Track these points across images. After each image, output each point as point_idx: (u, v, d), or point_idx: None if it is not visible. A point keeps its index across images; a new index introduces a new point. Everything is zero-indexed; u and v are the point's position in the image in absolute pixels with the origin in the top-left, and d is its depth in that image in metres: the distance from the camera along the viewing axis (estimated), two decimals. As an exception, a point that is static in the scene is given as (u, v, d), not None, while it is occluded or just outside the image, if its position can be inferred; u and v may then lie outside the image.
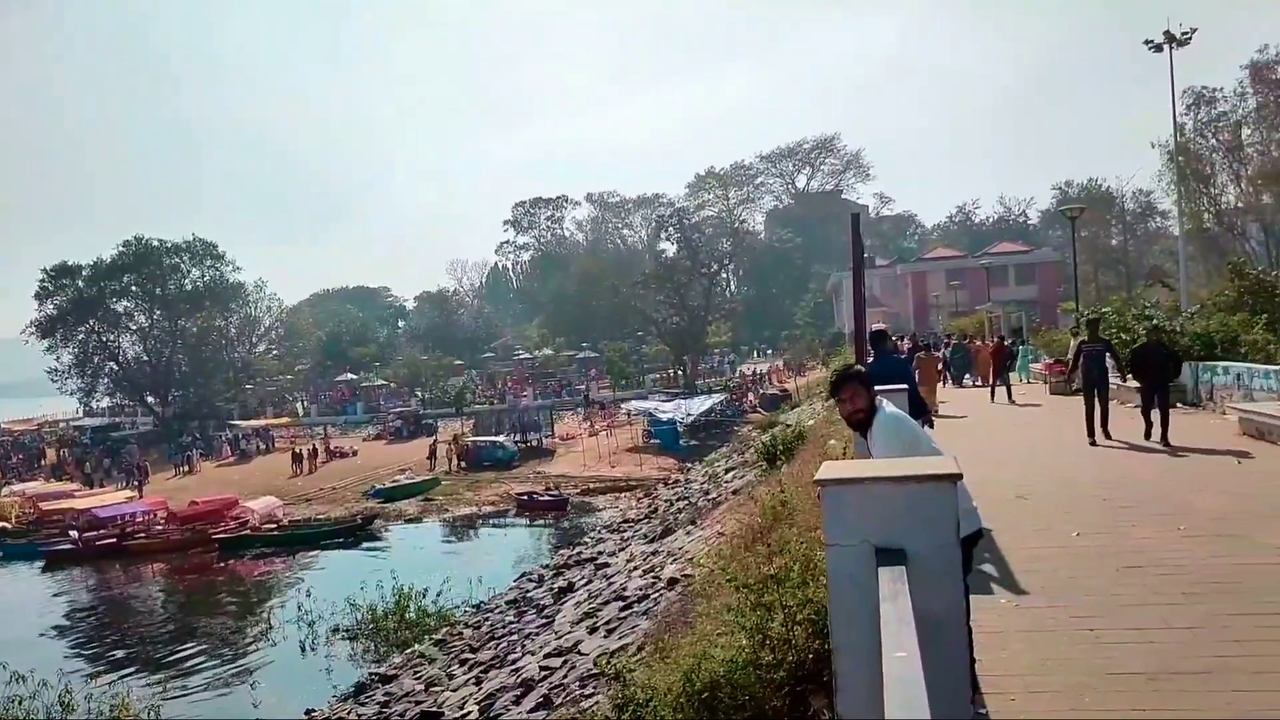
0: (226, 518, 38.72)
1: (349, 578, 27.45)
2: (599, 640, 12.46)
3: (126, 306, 75.34)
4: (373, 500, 42.44)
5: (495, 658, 15.56)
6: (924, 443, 4.95)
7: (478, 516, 38.75)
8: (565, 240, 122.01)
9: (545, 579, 22.57)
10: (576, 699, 9.64)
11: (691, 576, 11.96)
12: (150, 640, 25.25)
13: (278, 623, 24.14)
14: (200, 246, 76.51)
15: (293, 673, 20.23)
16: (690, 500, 25.30)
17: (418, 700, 14.93)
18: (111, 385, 76.67)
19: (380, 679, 17.73)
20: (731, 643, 6.03)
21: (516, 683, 12.37)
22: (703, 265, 73.68)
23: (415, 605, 22.23)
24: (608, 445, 47.56)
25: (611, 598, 15.19)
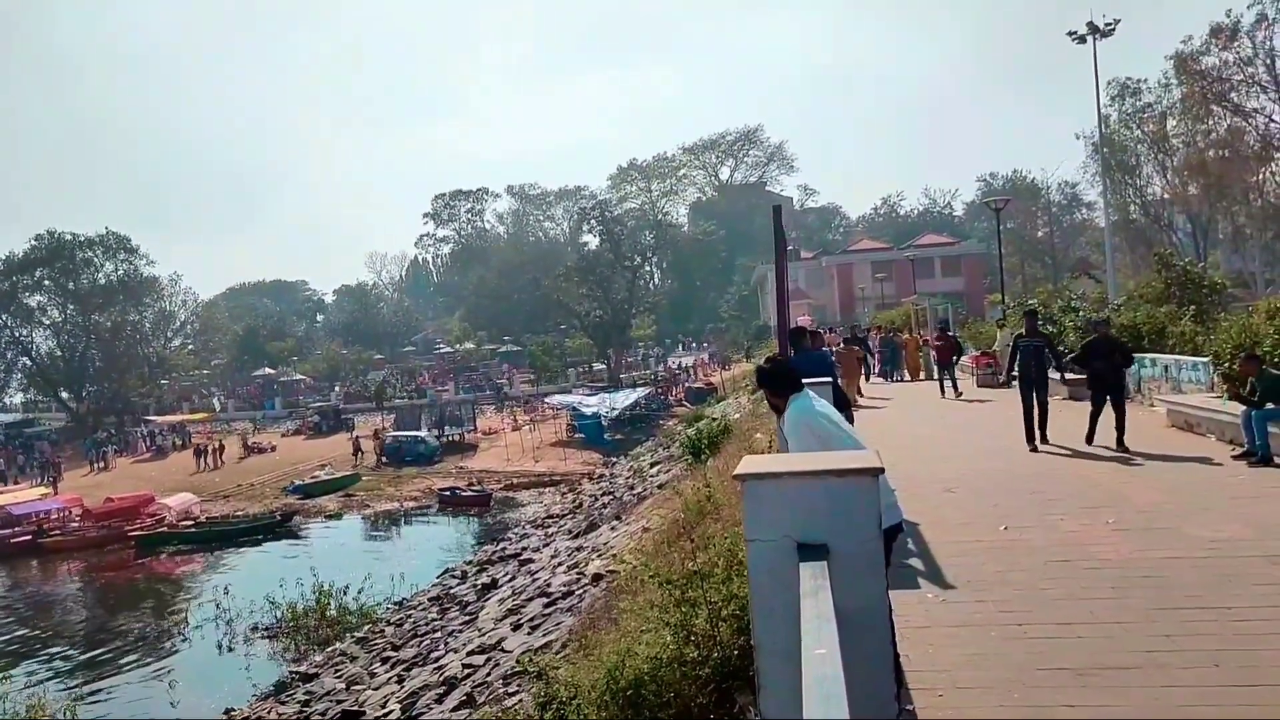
0: (143, 515, 37.91)
1: (268, 575, 26.98)
2: (523, 637, 12.37)
3: (39, 301, 73.98)
4: (292, 496, 41.71)
5: (418, 655, 15.38)
6: (841, 436, 4.95)
7: (400, 512, 38.30)
8: (486, 233, 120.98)
9: (468, 575, 22.37)
10: (500, 697, 9.56)
11: (616, 572, 11.96)
12: (67, 640, 24.64)
13: (196, 621, 23.64)
14: (113, 240, 74.52)
15: (212, 671, 19.78)
16: (615, 495, 25.30)
17: (339, 699, 14.67)
18: (24, 381, 74.90)
19: (301, 677, 17.43)
20: (656, 639, 6.00)
21: (439, 681, 12.23)
22: (626, 258, 73.82)
23: (336, 602, 21.90)
24: (531, 440, 47.32)
25: (535, 594, 15.10)
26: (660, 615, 6.21)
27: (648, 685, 5.73)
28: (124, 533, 36.26)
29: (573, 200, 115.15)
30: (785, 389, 5.22)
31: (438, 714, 10.60)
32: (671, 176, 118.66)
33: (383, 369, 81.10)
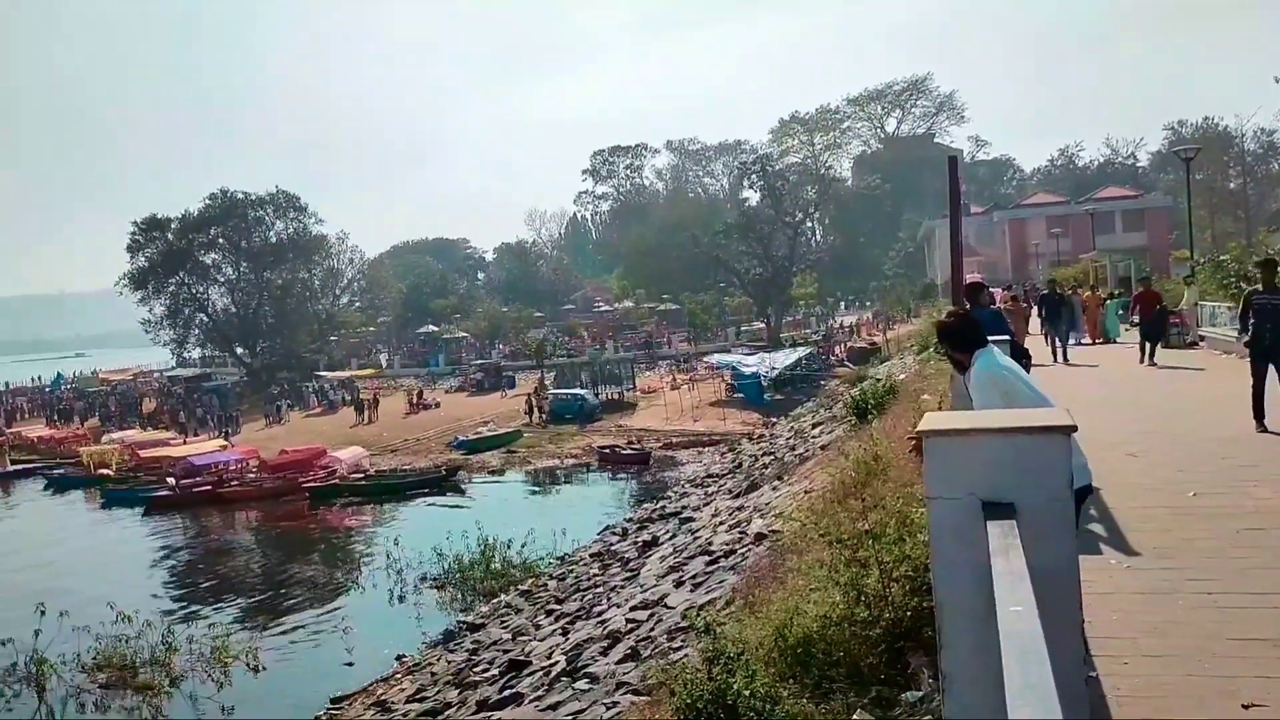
0: (315, 467, 39.57)
1: (435, 527, 27.96)
2: (685, 594, 12.42)
3: (214, 259, 76.62)
4: (456, 452, 43.07)
5: (581, 609, 15.68)
6: (1028, 394, 4.82)
7: (560, 469, 39.09)
8: (645, 189, 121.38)
9: (629, 533, 22.68)
10: (665, 651, 9.61)
11: (779, 532, 11.82)
12: (246, 585, 26.10)
13: (367, 570, 24.74)
14: (283, 199, 77.14)
15: (384, 619, 20.70)
16: (776, 455, 25.07)
17: (505, 649, 15.14)
18: (202, 336, 78.43)
19: (468, 627, 18.08)
20: (825, 599, 5.92)
21: (603, 634, 12.42)
22: (787, 214, 72.55)
23: (500, 556, 22.47)
24: (690, 399, 47.47)
25: (697, 552, 15.14)
26: (830, 574, 6.11)
27: (817, 643, 5.68)
28: (298, 484, 37.84)
29: (732, 155, 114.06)
30: (970, 345, 5.11)
31: (603, 665, 10.76)
32: (835, 129, 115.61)
33: (542, 327, 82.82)
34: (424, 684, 15.12)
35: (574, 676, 11.14)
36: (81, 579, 26.21)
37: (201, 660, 18.05)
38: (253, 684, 17.37)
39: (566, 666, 11.83)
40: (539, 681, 11.90)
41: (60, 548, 32.05)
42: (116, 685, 17.20)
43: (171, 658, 18.05)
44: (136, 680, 17.23)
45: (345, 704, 15.48)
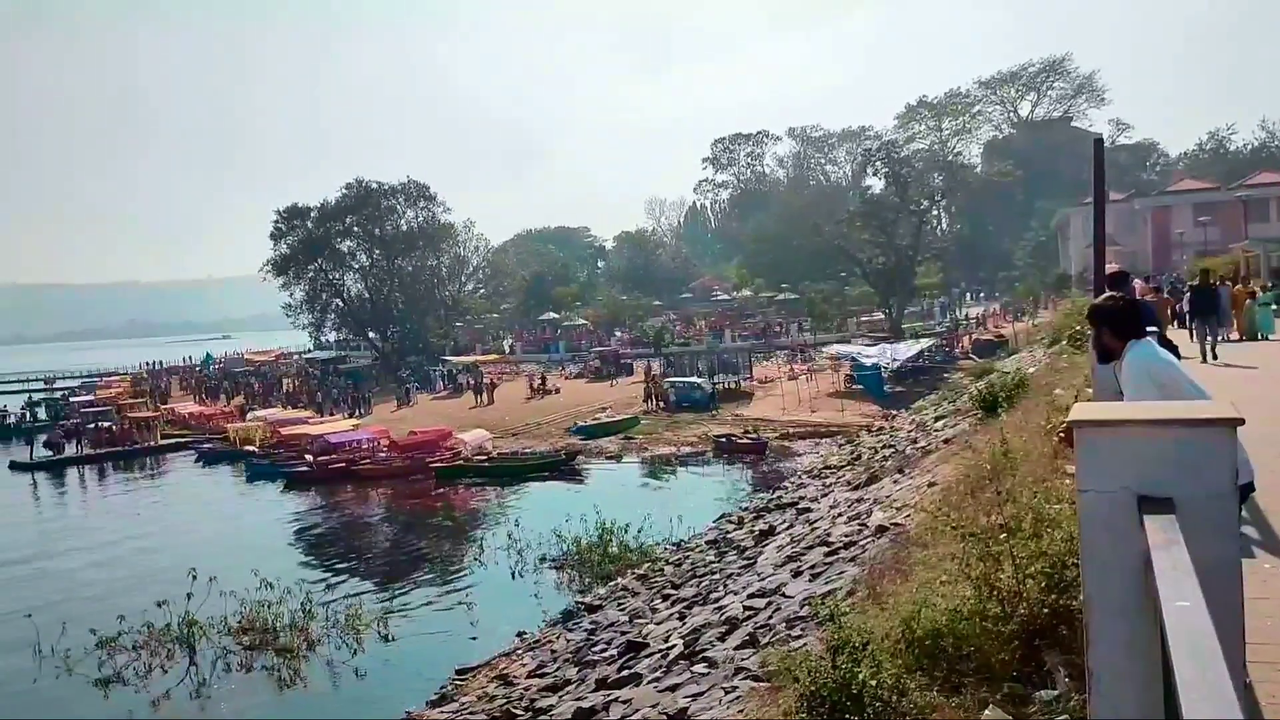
0: (441, 448, 40.82)
1: (554, 510, 28.44)
2: (804, 584, 12.35)
3: (349, 246, 79.48)
4: (575, 437, 43.66)
5: (697, 595, 15.75)
6: (1186, 386, 4.62)
7: (675, 457, 39.19)
8: (765, 177, 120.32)
9: (745, 521, 22.64)
10: (784, 639, 9.59)
11: (901, 525, 11.64)
12: (376, 558, 27.19)
13: (489, 549, 25.31)
14: (414, 188, 79.64)
15: (505, 596, 21.24)
16: (897, 448, 24.60)
17: (623, 630, 15.35)
18: (337, 321, 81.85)
19: (586, 608, 18.38)
20: (955, 592, 5.82)
21: (720, 620, 12.45)
22: (912, 202, 70.76)
23: (617, 540, 22.78)
24: (808, 390, 46.94)
25: (815, 543, 15.02)
26: (960, 568, 5.99)
27: (946, 637, 5.59)
28: (425, 464, 39.16)
29: (856, 141, 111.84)
30: (1129, 332, 4.93)
31: (721, 651, 10.80)
32: (965, 114, 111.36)
33: (660, 315, 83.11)
34: (544, 660, 15.47)
35: (692, 660, 11.22)
36: (227, 547, 27.93)
37: (336, 627, 18.95)
38: (383, 651, 18.10)
39: (684, 650, 11.92)
40: (657, 663, 12.03)
41: (209, 517, 34.17)
42: (259, 647, 18.16)
43: (309, 624, 18.98)
44: (277, 643, 18.17)
45: (470, 675, 15.96)
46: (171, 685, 16.95)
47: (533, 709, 12.68)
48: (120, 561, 27.64)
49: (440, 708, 14.67)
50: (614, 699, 11.20)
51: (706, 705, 9.17)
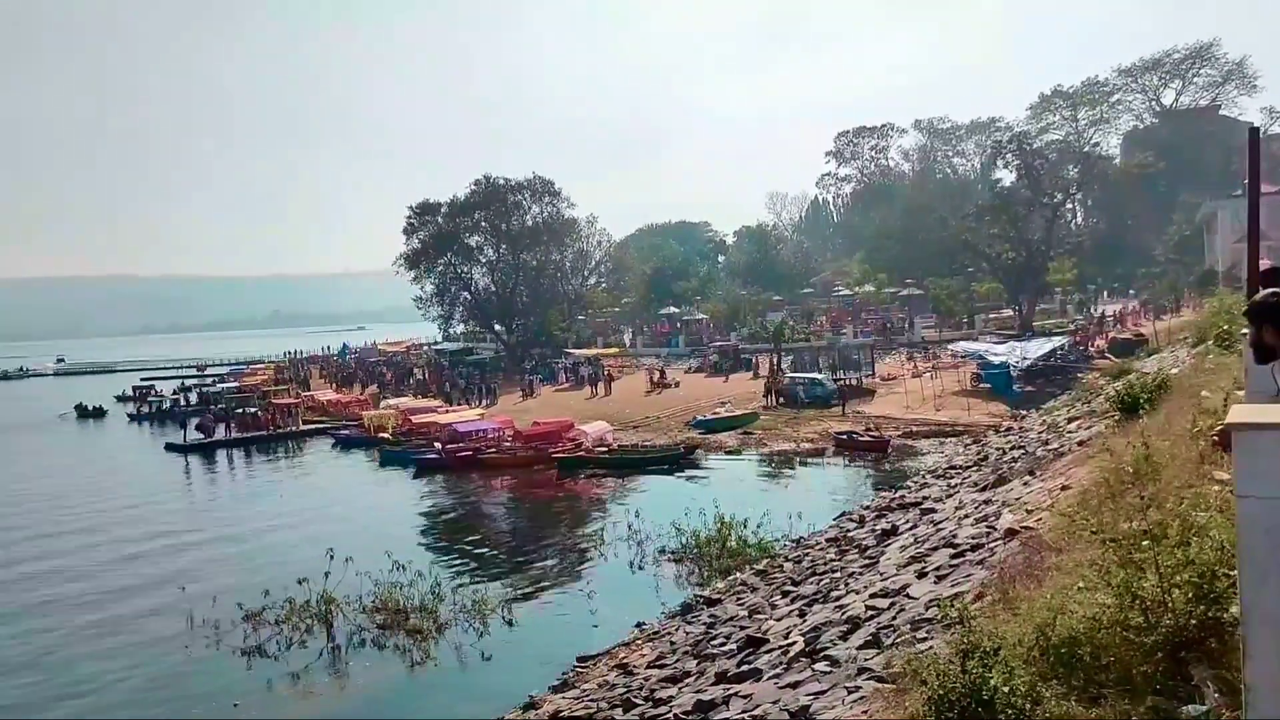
0: (563, 439, 41.52)
1: (673, 503, 28.69)
2: (929, 585, 12.14)
3: (478, 241, 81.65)
4: (694, 430, 43.75)
5: (817, 593, 15.65)
6: None
7: (795, 453, 38.86)
8: (890, 171, 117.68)
9: (866, 520, 22.39)
10: (909, 641, 9.46)
11: (1033, 529, 11.31)
12: (501, 545, 27.83)
13: (609, 540, 25.64)
14: (539, 184, 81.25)
15: (624, 586, 21.52)
16: (1026, 450, 23.89)
17: (742, 625, 15.38)
18: (465, 313, 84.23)
19: (705, 601, 18.48)
20: (1094, 600, 5.65)
21: (842, 619, 12.36)
22: (1045, 194, 68.17)
23: (736, 534, 22.83)
24: (932, 387, 45.91)
25: (940, 544, 14.74)
26: (1099, 575, 5.82)
27: (1083, 645, 5.44)
28: (547, 454, 39.86)
29: (985, 133, 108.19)
30: None
31: (843, 650, 10.73)
32: (1103, 103, 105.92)
33: (781, 310, 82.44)
34: (663, 651, 15.63)
35: (813, 658, 11.17)
36: (362, 529, 29.08)
37: (464, 611, 19.59)
38: (507, 636, 18.63)
39: (805, 647, 11.87)
40: (777, 660, 12.01)
41: (345, 500, 35.65)
42: (391, 627, 18.92)
43: (438, 606, 19.67)
44: (408, 624, 18.89)
45: (590, 663, 16.26)
46: (310, 659, 17.77)
47: (653, 699, 12.83)
48: (263, 540, 29.17)
49: (562, 693, 14.98)
50: (734, 693, 11.25)
51: (829, 704, 9.11)
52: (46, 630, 20.78)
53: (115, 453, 54.01)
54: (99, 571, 25.63)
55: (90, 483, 41.37)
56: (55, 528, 31.77)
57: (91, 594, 23.33)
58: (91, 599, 22.85)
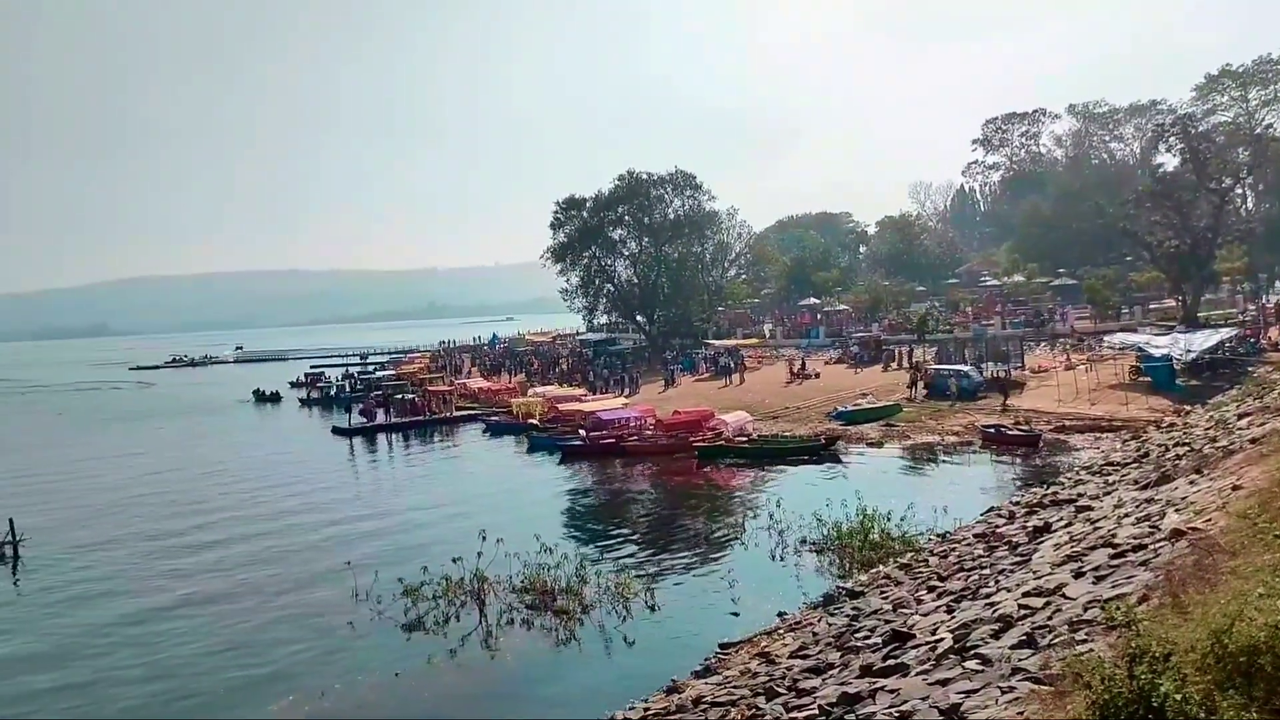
0: (704, 428, 41.82)
1: (813, 494, 28.64)
2: (1086, 586, 11.78)
3: (621, 234, 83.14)
4: (835, 422, 43.28)
5: (965, 589, 15.36)
6: None
7: (939, 446, 37.97)
8: (1041, 157, 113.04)
9: (1017, 516, 21.81)
10: (1067, 642, 9.24)
11: (1202, 530, 10.84)
12: (642, 530, 28.22)
13: (750, 529, 25.72)
14: (681, 178, 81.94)
15: (764, 576, 21.55)
16: (1192, 447, 22.74)
17: (886, 619, 15.22)
18: (608, 304, 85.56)
19: (848, 593, 18.36)
20: (1276, 607, 5.42)
21: (993, 617, 12.12)
22: (1211, 179, 64.12)
23: (879, 527, 22.63)
24: (1086, 380, 44.01)
25: (1098, 543, 14.27)
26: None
27: (1264, 654, 5.23)
28: (688, 443, 40.27)
29: (1145, 116, 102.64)
30: None
31: (995, 649, 10.55)
32: (1277, 82, 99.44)
33: (924, 301, 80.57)
34: (805, 642, 15.62)
35: (963, 655, 11.00)
36: (511, 512, 30.13)
37: (607, 594, 20.07)
38: (650, 620, 18.94)
39: (954, 644, 11.70)
40: (924, 655, 11.88)
41: (495, 484, 36.95)
42: (539, 607, 19.58)
43: (583, 588, 20.21)
44: (555, 605, 19.52)
45: (732, 650, 16.40)
46: (465, 633, 18.59)
47: (795, 689, 12.87)
48: (420, 519, 30.52)
49: (704, 679, 15.17)
50: (879, 687, 11.18)
51: (981, 703, 8.99)
52: (231, 596, 22.41)
53: (288, 436, 57.52)
54: (274, 547, 27.38)
55: (267, 464, 44.30)
56: (239, 505, 34.23)
57: (268, 568, 24.93)
58: (269, 574, 24.40)
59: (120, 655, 18.91)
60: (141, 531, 30.43)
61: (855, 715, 10.40)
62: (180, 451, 50.30)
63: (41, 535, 29.01)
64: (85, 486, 39.93)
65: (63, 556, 27.03)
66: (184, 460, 46.78)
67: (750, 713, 12.58)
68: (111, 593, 23.41)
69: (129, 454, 50.17)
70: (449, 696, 16.01)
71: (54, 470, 45.12)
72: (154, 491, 37.94)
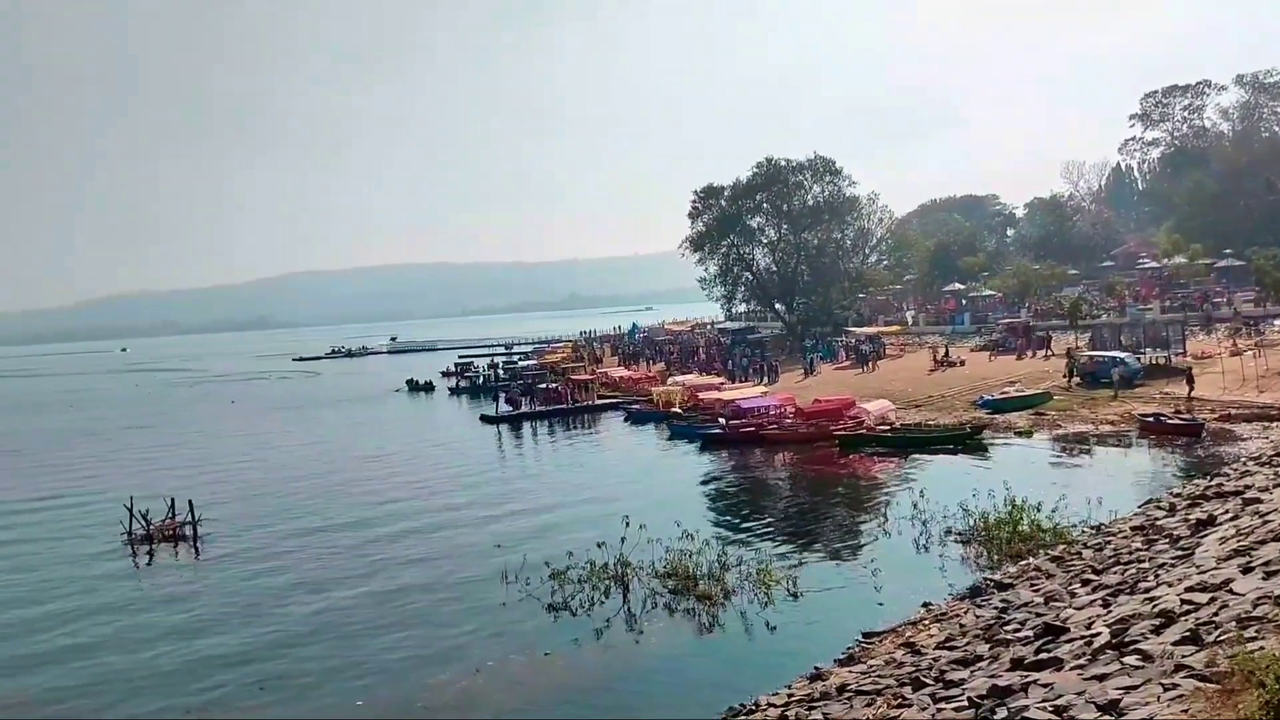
0: (845, 417, 41.38)
1: (958, 484, 28.11)
2: (1255, 581, 11.32)
3: (759, 222, 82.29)
4: (981, 410, 42.19)
5: (1122, 583, 14.93)
6: None
7: (1093, 435, 36.55)
8: (1205, 132, 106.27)
9: (1178, 508, 21.06)
10: (1235, 640, 8.92)
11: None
12: (783, 518, 28.25)
13: (892, 518, 25.39)
14: (820, 163, 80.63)
15: (909, 566, 21.33)
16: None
17: (1038, 612, 14.92)
18: (747, 293, 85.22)
19: (996, 585, 18.04)
20: None
21: (1153, 612, 11.77)
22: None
23: (1028, 518, 22.14)
24: (1255, 367, 41.48)
25: (1269, 537, 13.65)
26: None
27: None
28: (828, 432, 39.93)
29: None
30: None
31: (1156, 644, 10.25)
32: None
33: (1077, 285, 77.26)
34: (952, 633, 15.45)
35: (1121, 651, 10.73)
36: (653, 498, 30.72)
37: (749, 580, 20.25)
38: (792, 608, 19.03)
39: (1111, 639, 11.41)
40: (1079, 650, 11.62)
41: (637, 470, 37.69)
42: (681, 592, 19.90)
43: (725, 575, 20.46)
44: (697, 590, 19.79)
45: (876, 640, 16.36)
46: (609, 616, 19.09)
47: (943, 680, 12.77)
48: (564, 504, 31.45)
49: (848, 667, 15.20)
50: (1032, 681, 11.01)
51: (1141, 700, 8.79)
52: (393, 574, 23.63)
53: (440, 423, 59.82)
54: (429, 528, 28.74)
55: (421, 450, 46.27)
56: (397, 488, 36.04)
57: (425, 548, 26.23)
58: (426, 553, 25.69)
59: (296, 624, 20.27)
60: (309, 512, 32.39)
61: (1007, 708, 10.27)
62: (342, 438, 53.11)
63: (218, 517, 31.14)
64: (256, 471, 42.58)
65: (238, 536, 28.97)
66: (346, 446, 49.38)
67: (896, 702, 12.56)
68: (283, 568, 25.00)
69: (296, 440, 53.34)
70: (596, 677, 16.52)
71: (228, 456, 48.26)
72: (319, 475, 40.24)
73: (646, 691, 15.74)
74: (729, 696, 14.62)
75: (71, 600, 23.22)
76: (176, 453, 50.94)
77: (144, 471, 43.45)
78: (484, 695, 15.87)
